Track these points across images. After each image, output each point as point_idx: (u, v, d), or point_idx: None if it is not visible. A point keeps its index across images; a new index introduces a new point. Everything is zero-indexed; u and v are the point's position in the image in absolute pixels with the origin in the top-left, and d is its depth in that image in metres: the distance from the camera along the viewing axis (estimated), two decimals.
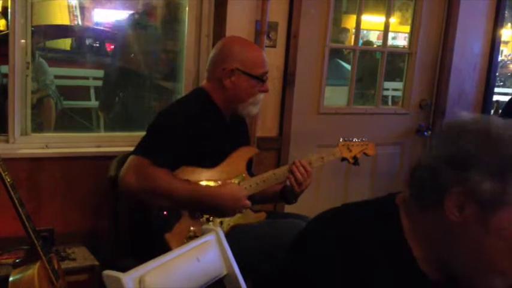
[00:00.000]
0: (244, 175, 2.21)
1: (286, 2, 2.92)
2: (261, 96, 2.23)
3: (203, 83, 2.29)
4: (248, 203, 2.11)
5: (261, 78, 2.18)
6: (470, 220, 0.96)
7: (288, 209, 3.02)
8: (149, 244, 2.03)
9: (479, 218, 0.95)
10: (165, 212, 2.02)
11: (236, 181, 2.17)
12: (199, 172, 2.11)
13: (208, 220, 2.09)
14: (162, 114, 2.19)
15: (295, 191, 2.23)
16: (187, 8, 2.84)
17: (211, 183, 2.11)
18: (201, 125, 2.11)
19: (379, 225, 1.06)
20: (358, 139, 2.41)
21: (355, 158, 2.39)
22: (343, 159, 2.39)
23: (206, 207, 2.06)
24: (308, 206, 3.18)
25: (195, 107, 2.17)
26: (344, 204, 1.16)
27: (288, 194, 2.29)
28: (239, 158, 2.23)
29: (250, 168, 2.36)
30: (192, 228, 2.03)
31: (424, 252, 1.04)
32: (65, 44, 5.79)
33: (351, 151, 2.38)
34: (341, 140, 2.38)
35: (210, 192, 2.06)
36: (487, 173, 0.94)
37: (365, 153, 2.42)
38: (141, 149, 2.05)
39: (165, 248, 1.93)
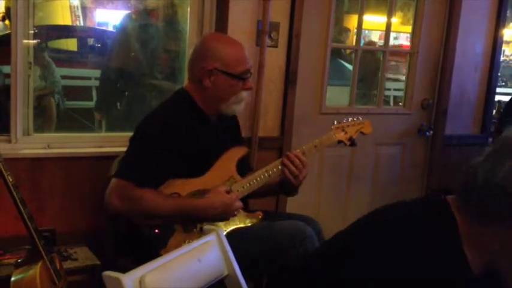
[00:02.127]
0: (234, 177, 2.14)
1: (287, 1, 2.91)
2: (244, 94, 2.14)
3: (185, 84, 2.22)
4: (240, 204, 2.06)
5: (241, 77, 2.10)
6: None
7: (290, 209, 3.02)
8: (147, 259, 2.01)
9: None
10: (156, 230, 1.99)
11: (227, 185, 2.11)
12: (190, 182, 2.06)
13: (202, 229, 2.00)
14: (141, 126, 2.11)
15: (292, 183, 2.15)
16: (189, 8, 2.84)
17: (201, 193, 2.06)
18: (184, 130, 2.05)
19: (436, 233, 1.07)
20: (353, 118, 2.29)
21: (351, 139, 2.26)
22: (339, 142, 2.26)
23: (197, 219, 2.02)
24: (310, 205, 3.19)
25: (175, 111, 2.10)
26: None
27: (287, 186, 2.21)
28: (228, 160, 2.16)
29: (245, 168, 2.28)
30: (187, 241, 1.98)
31: (477, 256, 1.06)
32: (67, 44, 5.79)
33: (346, 133, 2.25)
34: (335, 123, 2.27)
35: (199, 204, 2.01)
36: None
37: (361, 132, 2.29)
38: (124, 170, 2.00)
39: None
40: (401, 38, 6.50)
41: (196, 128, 2.09)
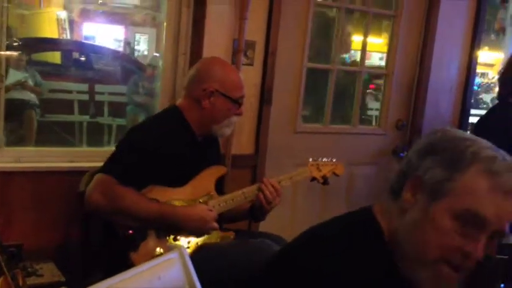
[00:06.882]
0: (212, 194, 2.20)
1: (264, 21, 2.94)
2: (235, 118, 2.25)
3: (178, 101, 2.28)
4: (216, 225, 2.11)
5: (238, 102, 2.20)
6: (418, 206, 1.04)
7: (263, 228, 3.01)
8: (116, 262, 2.01)
9: (425, 204, 1.03)
10: (130, 231, 2.00)
11: (204, 200, 2.16)
12: (168, 191, 2.10)
13: (175, 240, 2.07)
14: (133, 131, 2.20)
15: (265, 208, 2.24)
16: (165, 24, 2.86)
17: (180, 203, 2.10)
18: (172, 145, 2.10)
19: (357, 234, 1.13)
20: (327, 159, 2.43)
21: (324, 177, 2.39)
22: (313, 179, 2.40)
23: (174, 227, 2.05)
24: (284, 226, 3.17)
25: (167, 126, 2.16)
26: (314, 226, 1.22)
27: (257, 212, 2.30)
28: (208, 176, 2.22)
29: (221, 187, 2.35)
30: (158, 248, 2.00)
31: (400, 249, 1.08)
32: (54, 56, 5.78)
33: (320, 171, 2.39)
34: (311, 160, 2.40)
35: (178, 212, 2.05)
36: (439, 161, 1.05)
37: (334, 173, 2.43)
38: (109, 167, 2.04)
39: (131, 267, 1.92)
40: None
41: (183, 144, 2.14)
